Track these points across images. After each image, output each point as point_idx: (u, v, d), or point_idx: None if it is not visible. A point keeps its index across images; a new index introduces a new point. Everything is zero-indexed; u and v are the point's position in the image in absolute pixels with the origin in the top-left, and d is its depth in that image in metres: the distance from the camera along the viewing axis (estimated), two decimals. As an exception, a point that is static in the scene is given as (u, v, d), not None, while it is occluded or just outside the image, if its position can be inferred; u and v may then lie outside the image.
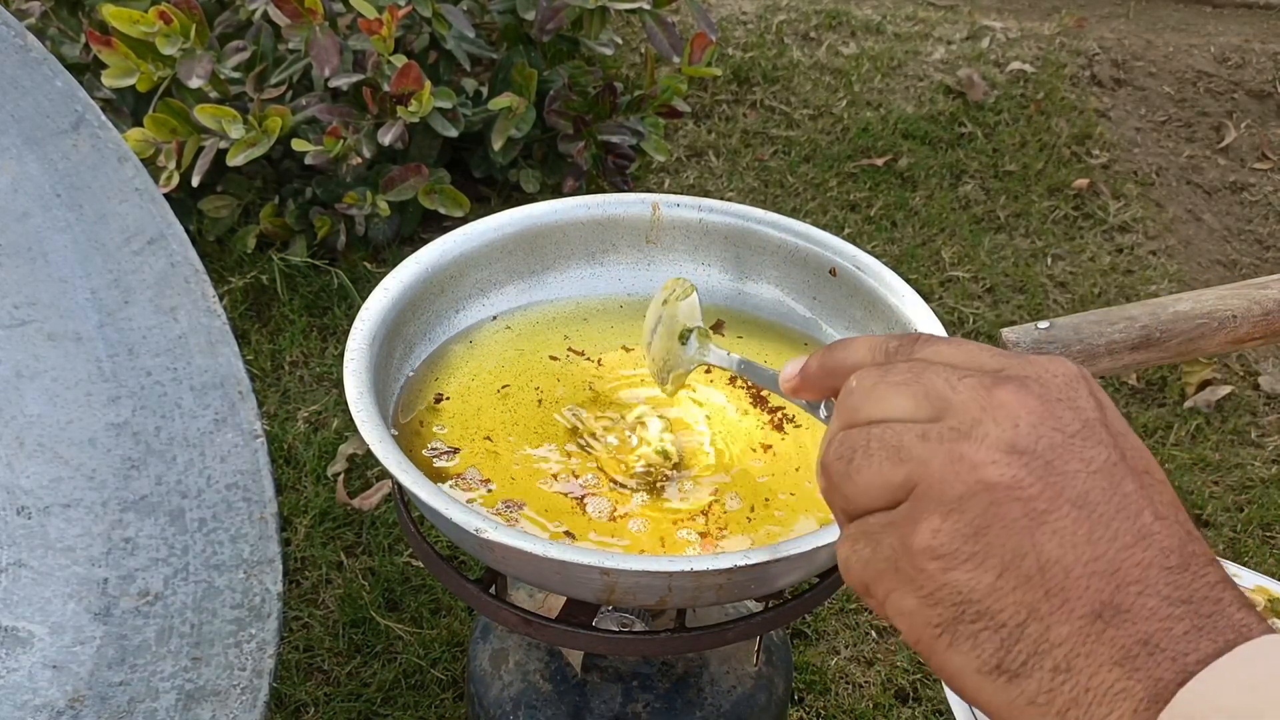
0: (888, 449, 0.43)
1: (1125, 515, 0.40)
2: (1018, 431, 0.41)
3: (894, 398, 0.44)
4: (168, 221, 0.99)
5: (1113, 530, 0.40)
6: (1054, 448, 0.41)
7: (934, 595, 0.41)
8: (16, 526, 0.84)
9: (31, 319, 0.93)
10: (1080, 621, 0.39)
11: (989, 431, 0.41)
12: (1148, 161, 2.28)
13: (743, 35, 2.50)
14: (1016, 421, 0.41)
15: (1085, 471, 0.40)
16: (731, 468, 0.80)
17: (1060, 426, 0.41)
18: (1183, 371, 1.76)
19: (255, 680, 0.82)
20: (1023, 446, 0.41)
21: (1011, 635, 0.40)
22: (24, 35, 1.02)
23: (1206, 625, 0.38)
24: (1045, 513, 0.40)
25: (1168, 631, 0.38)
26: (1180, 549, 0.40)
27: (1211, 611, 0.39)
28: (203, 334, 0.96)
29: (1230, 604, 0.39)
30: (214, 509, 0.89)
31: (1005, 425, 0.41)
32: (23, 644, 0.79)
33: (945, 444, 0.41)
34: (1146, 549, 0.40)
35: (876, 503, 0.43)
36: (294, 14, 1.65)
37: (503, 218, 0.92)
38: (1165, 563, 0.39)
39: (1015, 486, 0.40)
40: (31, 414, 0.89)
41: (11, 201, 0.97)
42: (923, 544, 0.41)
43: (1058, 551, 0.39)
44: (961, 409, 0.42)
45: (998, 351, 0.45)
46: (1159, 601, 0.39)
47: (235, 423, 0.93)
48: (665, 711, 0.87)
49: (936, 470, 0.41)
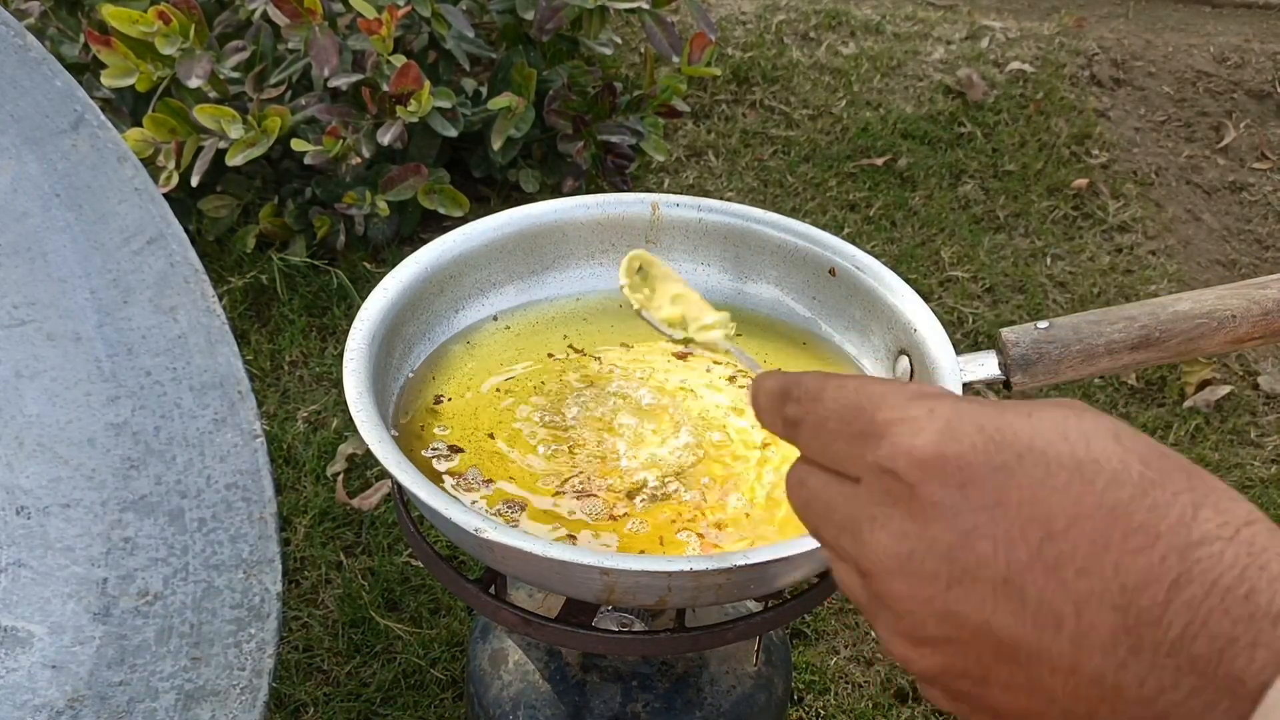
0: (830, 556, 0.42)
1: (1049, 633, 0.35)
2: (904, 625, 0.38)
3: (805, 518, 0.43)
4: (167, 221, 0.99)
5: (1048, 663, 0.35)
6: (944, 620, 0.37)
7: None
8: (16, 526, 0.84)
9: (31, 319, 0.93)
10: None
11: (891, 624, 0.39)
12: (1147, 161, 2.28)
13: (742, 35, 2.50)
14: (899, 614, 0.38)
15: (985, 620, 0.36)
16: (729, 468, 0.80)
17: (932, 590, 0.37)
18: (1182, 371, 1.76)
19: (255, 680, 0.82)
20: (920, 637, 0.38)
21: None
22: (23, 35, 1.02)
23: (1194, 707, 0.33)
24: (984, 679, 0.37)
25: None
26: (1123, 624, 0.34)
27: (1192, 687, 0.33)
28: (202, 334, 0.96)
29: (1208, 658, 0.33)
30: (213, 509, 0.89)
31: (893, 620, 0.38)
32: (22, 644, 0.79)
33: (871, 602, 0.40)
34: (1090, 656, 0.34)
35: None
36: (293, 14, 1.65)
37: (502, 218, 0.92)
38: (1115, 660, 0.34)
39: (945, 672, 0.38)
40: (31, 414, 0.89)
41: (11, 201, 0.97)
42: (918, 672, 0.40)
43: (1017, 705, 0.37)
44: (864, 598, 0.40)
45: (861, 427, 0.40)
46: (1136, 708, 0.34)
47: (235, 423, 0.93)
48: (665, 711, 0.87)
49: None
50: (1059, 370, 0.83)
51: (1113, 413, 1.68)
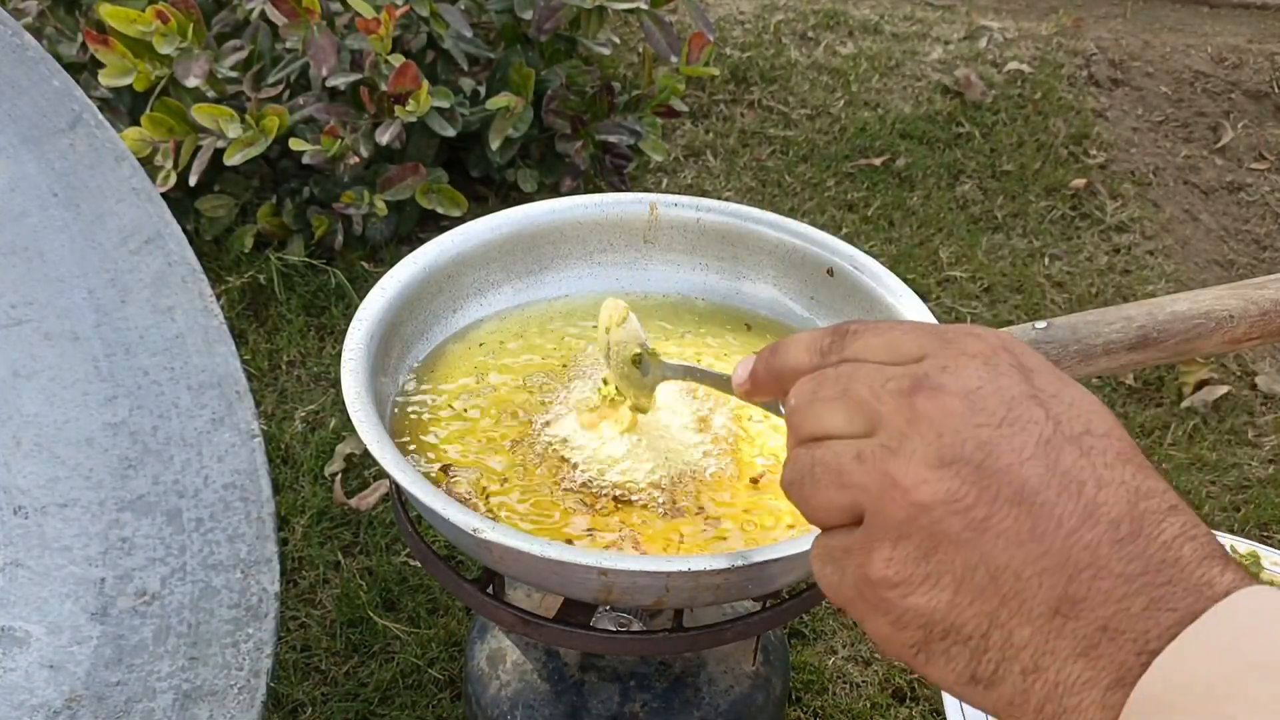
0: (830, 474, 0.43)
1: (1067, 495, 0.39)
2: (942, 442, 0.41)
3: (828, 415, 0.45)
4: (165, 221, 0.99)
5: (1056, 517, 0.39)
6: (982, 447, 0.40)
7: (900, 620, 0.42)
8: (14, 526, 0.84)
9: (28, 318, 0.93)
10: (1039, 621, 0.39)
11: (915, 448, 0.41)
12: (1145, 161, 2.28)
13: (740, 35, 2.50)
14: (940, 431, 0.41)
15: (1018, 462, 0.40)
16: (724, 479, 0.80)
17: (985, 420, 0.41)
18: (1180, 371, 1.76)
19: (252, 680, 0.82)
20: (950, 457, 0.40)
21: (979, 646, 0.40)
22: (21, 34, 1.02)
23: (1165, 595, 0.38)
24: (985, 519, 0.40)
25: (1125, 611, 0.38)
26: (1130, 513, 0.39)
27: (1170, 577, 0.38)
28: (200, 333, 0.96)
29: (1190, 561, 0.38)
30: (211, 509, 0.89)
31: (929, 437, 0.41)
32: (20, 644, 0.79)
33: (879, 466, 0.42)
34: (1094, 526, 0.39)
35: (835, 522, 0.44)
36: (291, 13, 1.65)
37: (500, 217, 0.92)
38: (1115, 535, 0.39)
39: (951, 501, 0.40)
40: (28, 413, 0.89)
41: (8, 201, 0.97)
42: (879, 575, 0.41)
43: (1005, 556, 0.40)
44: (889, 422, 0.42)
45: (921, 331, 0.45)
46: (1113, 582, 0.38)
47: (232, 422, 0.93)
48: (663, 711, 0.87)
49: (876, 496, 0.42)
50: (1057, 370, 0.82)
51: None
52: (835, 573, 0.44)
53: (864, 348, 0.46)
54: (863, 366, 0.45)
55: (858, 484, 0.42)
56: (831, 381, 0.45)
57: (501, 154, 1.84)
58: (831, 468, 0.43)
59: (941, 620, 0.41)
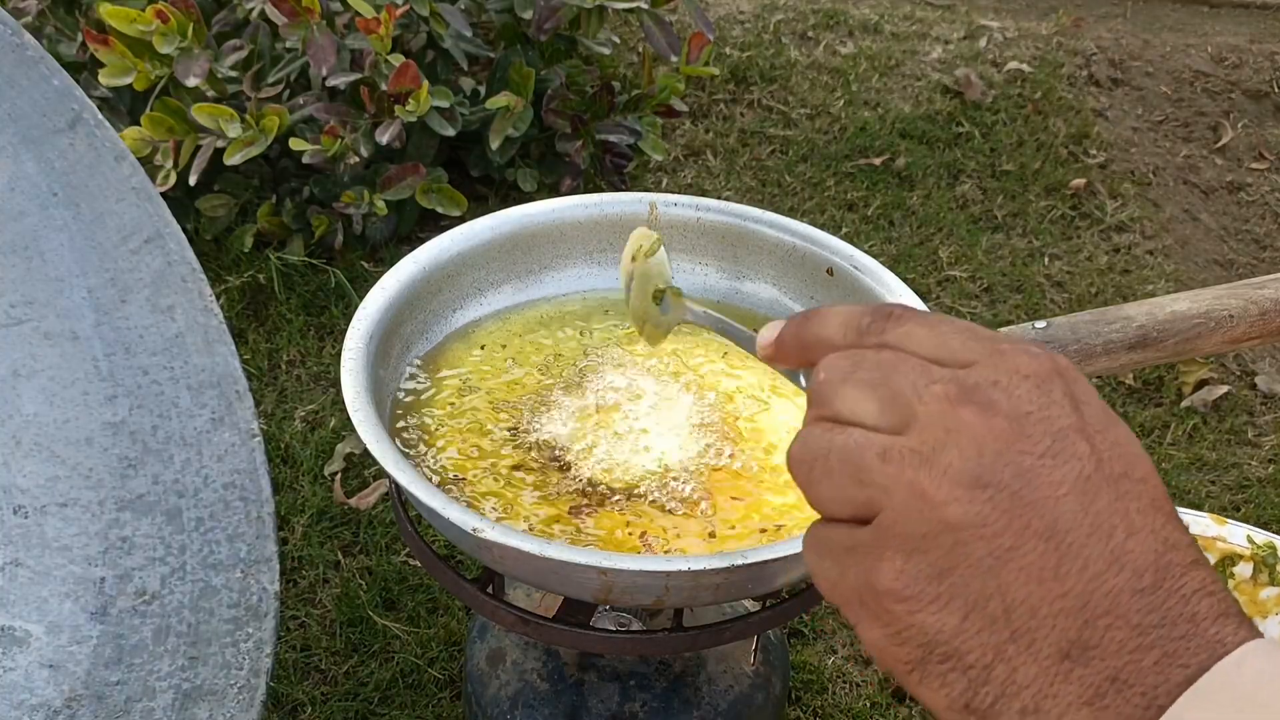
0: (849, 466, 0.41)
1: (1097, 537, 0.38)
2: (981, 462, 0.39)
3: (860, 400, 0.42)
4: (165, 220, 0.99)
5: (1083, 559, 0.38)
6: (1021, 475, 0.39)
7: (900, 635, 0.40)
8: (13, 526, 0.84)
9: (28, 318, 0.93)
10: (1047, 662, 0.38)
11: (952, 461, 0.39)
12: (1145, 161, 2.28)
13: (740, 34, 2.50)
14: (981, 449, 0.39)
15: (1054, 496, 0.39)
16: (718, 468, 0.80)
17: (1029, 448, 0.39)
18: (1179, 371, 1.76)
19: (252, 679, 0.82)
20: (987, 479, 0.39)
21: (979, 676, 0.39)
22: (20, 33, 1.02)
23: (1179, 649, 0.37)
24: (1011, 549, 0.38)
25: (1137, 664, 0.37)
26: (1155, 563, 0.38)
27: (1185, 632, 0.37)
28: (200, 333, 0.95)
29: (1207, 617, 0.38)
30: (211, 508, 0.89)
31: (969, 453, 0.39)
32: (19, 643, 0.79)
33: (907, 471, 0.40)
34: (1119, 573, 0.38)
35: (841, 516, 0.42)
36: (291, 13, 1.65)
37: (500, 217, 0.92)
38: (1137, 585, 0.38)
39: (980, 525, 0.39)
40: (28, 413, 0.89)
41: (8, 200, 0.97)
42: (886, 586, 0.40)
43: (1024, 591, 0.38)
44: (926, 425, 0.40)
45: (971, 333, 0.43)
46: (1128, 633, 0.38)
47: (232, 422, 0.93)
48: (662, 711, 0.87)
49: (898, 502, 0.40)
50: (1056, 370, 0.82)
51: (1110, 412, 1.68)
52: (834, 569, 0.42)
53: (908, 337, 0.43)
54: (907, 359, 0.42)
55: (878, 484, 0.40)
56: (871, 366, 0.43)
57: (501, 154, 1.84)
58: (852, 459, 0.41)
59: (945, 644, 0.39)
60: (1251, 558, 0.91)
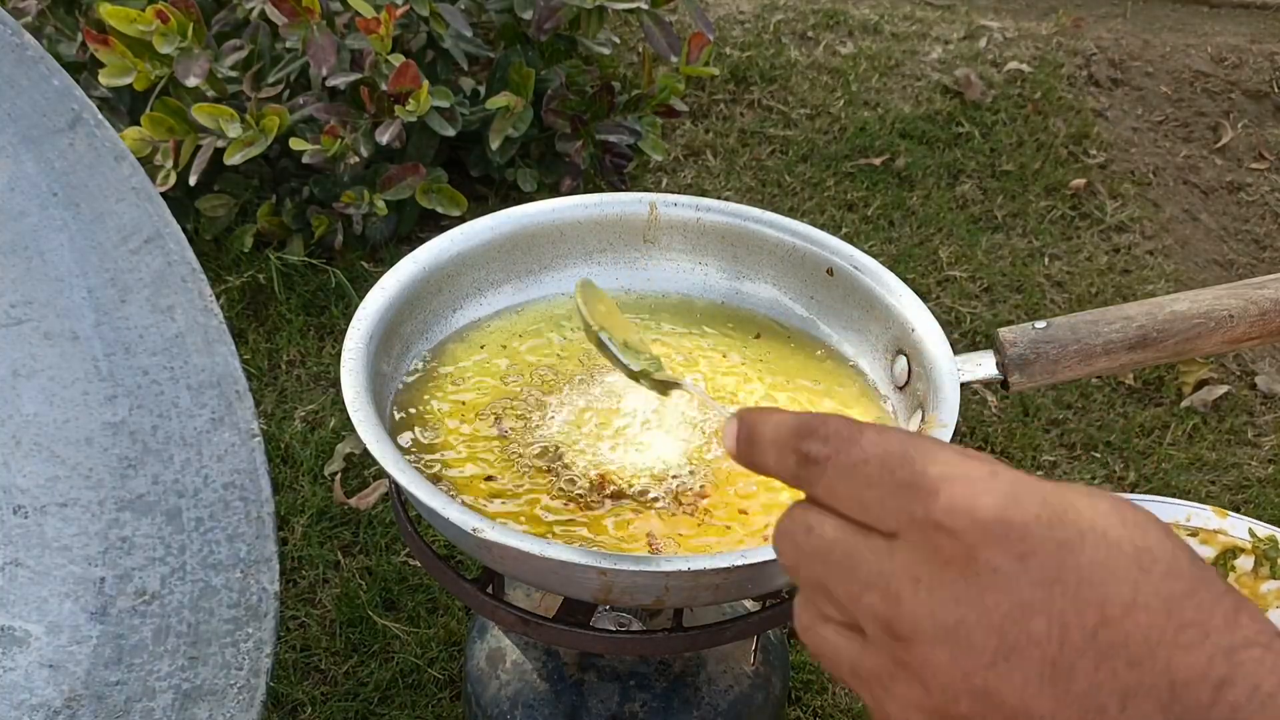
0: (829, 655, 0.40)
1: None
2: (932, 702, 0.36)
3: (814, 595, 0.40)
4: (165, 220, 0.99)
5: None
6: (979, 698, 0.35)
7: None
8: (13, 526, 0.84)
9: (28, 318, 0.93)
10: None
11: (910, 697, 0.37)
12: (1145, 161, 2.28)
13: (740, 35, 2.50)
14: (927, 687, 0.36)
15: (1022, 704, 0.34)
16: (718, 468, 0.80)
17: (974, 663, 0.35)
18: (1179, 371, 1.76)
19: (252, 679, 0.82)
20: (948, 713, 0.36)
21: None
22: (20, 33, 1.02)
23: None
24: None
25: None
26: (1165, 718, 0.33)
27: None
28: (199, 333, 0.95)
29: None
30: (211, 508, 0.89)
31: (917, 693, 0.37)
32: (19, 643, 0.79)
33: (876, 700, 0.38)
34: None
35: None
36: (291, 13, 1.65)
37: (500, 217, 0.92)
38: None
39: None
40: (28, 413, 0.89)
41: (8, 200, 0.97)
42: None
43: None
44: (874, 651, 0.38)
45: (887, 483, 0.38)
46: None
47: (232, 422, 0.93)
48: (662, 711, 0.87)
49: (876, 707, 0.38)
50: (1056, 370, 0.83)
51: (1110, 412, 1.69)
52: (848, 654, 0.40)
53: (831, 492, 0.39)
54: (834, 563, 0.39)
55: (858, 683, 0.39)
56: (808, 564, 0.40)
57: (501, 154, 1.84)
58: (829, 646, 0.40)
59: None
60: (1253, 551, 0.91)
